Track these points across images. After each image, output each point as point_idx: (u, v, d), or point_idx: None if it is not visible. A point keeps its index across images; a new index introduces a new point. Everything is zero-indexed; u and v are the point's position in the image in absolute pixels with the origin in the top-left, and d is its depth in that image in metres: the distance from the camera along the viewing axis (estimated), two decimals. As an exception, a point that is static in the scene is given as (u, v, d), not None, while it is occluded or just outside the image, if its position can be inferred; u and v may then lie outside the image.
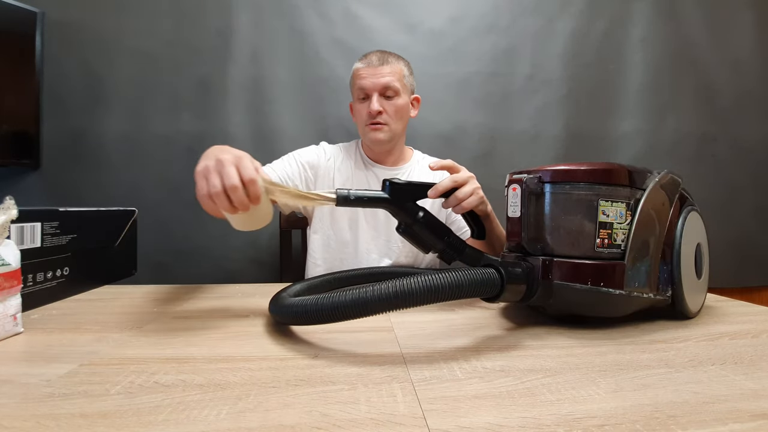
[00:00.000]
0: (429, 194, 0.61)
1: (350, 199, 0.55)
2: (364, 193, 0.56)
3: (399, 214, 0.59)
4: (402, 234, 0.61)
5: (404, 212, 0.59)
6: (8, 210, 0.44)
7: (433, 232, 0.60)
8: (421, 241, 0.61)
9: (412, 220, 0.59)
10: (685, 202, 0.54)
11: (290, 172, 0.93)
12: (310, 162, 0.96)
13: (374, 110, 0.88)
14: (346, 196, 0.55)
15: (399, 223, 0.61)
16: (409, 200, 0.59)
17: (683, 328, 0.49)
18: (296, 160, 0.95)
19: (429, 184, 0.62)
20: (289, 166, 0.94)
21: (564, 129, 1.42)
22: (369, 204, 0.57)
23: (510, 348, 0.42)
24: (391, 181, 0.58)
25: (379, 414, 0.28)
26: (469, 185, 0.64)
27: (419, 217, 0.59)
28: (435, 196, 0.62)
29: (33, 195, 1.19)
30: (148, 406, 0.29)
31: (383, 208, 0.59)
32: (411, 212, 0.59)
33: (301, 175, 0.94)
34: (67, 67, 1.22)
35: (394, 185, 0.58)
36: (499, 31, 1.40)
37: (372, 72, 0.89)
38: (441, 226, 0.61)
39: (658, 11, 1.46)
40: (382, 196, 0.58)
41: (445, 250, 0.61)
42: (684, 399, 0.31)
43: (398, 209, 0.59)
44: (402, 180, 0.59)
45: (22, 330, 0.45)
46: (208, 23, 1.27)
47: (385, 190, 0.58)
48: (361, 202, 0.56)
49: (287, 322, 0.46)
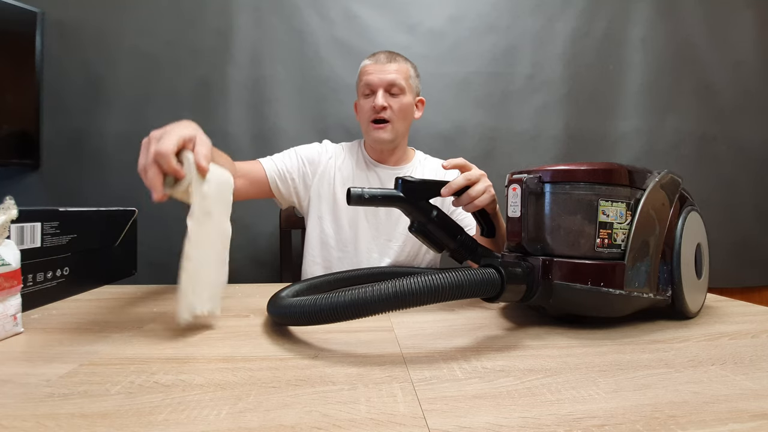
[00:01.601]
0: (442, 192, 0.61)
1: (365, 197, 0.55)
2: (379, 191, 0.56)
3: (413, 212, 0.59)
4: (415, 233, 0.60)
5: (418, 211, 0.58)
6: (8, 210, 0.44)
7: (446, 231, 0.60)
8: (434, 240, 0.60)
9: (426, 219, 0.59)
10: (685, 202, 0.54)
11: (289, 165, 0.94)
12: (309, 158, 0.96)
13: (379, 105, 0.88)
14: (360, 194, 0.55)
15: (412, 222, 0.60)
16: (422, 198, 0.59)
17: (683, 328, 0.49)
18: (297, 154, 0.96)
19: (442, 182, 0.62)
20: (288, 159, 0.95)
21: (564, 129, 1.42)
22: (383, 203, 0.57)
23: (510, 348, 0.42)
24: (404, 179, 0.58)
25: (379, 414, 0.28)
26: (481, 183, 0.64)
27: (433, 216, 0.59)
28: (448, 194, 0.62)
29: (33, 195, 1.19)
30: (148, 406, 0.29)
31: (397, 207, 0.59)
32: (425, 211, 0.59)
33: (299, 169, 0.95)
34: (67, 67, 1.22)
35: (408, 183, 0.58)
36: (499, 31, 1.40)
37: (379, 68, 0.90)
38: (454, 224, 0.61)
39: (658, 11, 1.46)
40: (396, 194, 0.57)
41: (458, 249, 0.60)
42: (684, 399, 0.31)
43: (412, 208, 0.58)
44: (415, 178, 0.58)
45: (22, 330, 0.45)
46: (208, 23, 1.27)
47: (399, 188, 0.58)
48: (375, 200, 0.56)
49: (286, 322, 0.46)
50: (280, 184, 0.93)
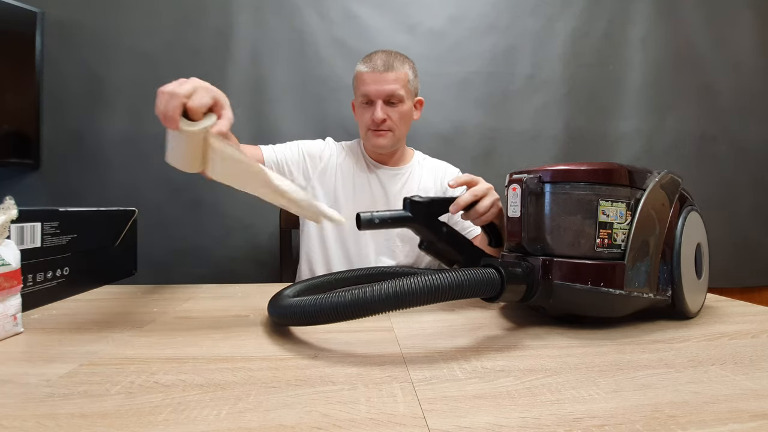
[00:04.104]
0: (451, 210, 0.62)
1: (375, 222, 0.55)
2: (388, 214, 0.56)
3: (422, 232, 0.59)
4: (425, 251, 0.61)
5: (428, 230, 0.59)
6: (8, 210, 0.44)
7: (455, 247, 0.61)
8: (444, 256, 0.61)
9: (436, 238, 0.59)
10: (685, 202, 0.54)
11: (289, 156, 0.94)
12: (311, 153, 0.96)
13: (378, 119, 0.88)
14: (371, 219, 0.55)
15: (421, 240, 0.60)
16: (431, 217, 0.59)
17: (683, 328, 0.49)
18: (299, 147, 0.96)
19: (449, 199, 0.62)
20: (289, 151, 0.94)
21: (564, 129, 1.42)
22: (393, 225, 0.57)
23: (510, 348, 0.42)
24: (412, 200, 0.58)
25: (379, 414, 0.28)
26: (488, 198, 0.65)
27: (443, 233, 0.59)
28: (456, 212, 0.62)
29: (33, 195, 1.19)
30: (148, 406, 0.29)
31: (406, 227, 0.59)
32: (435, 229, 0.59)
33: (299, 163, 0.94)
34: (67, 67, 1.22)
35: (415, 204, 0.58)
36: (499, 31, 1.40)
37: (376, 78, 0.87)
38: (462, 239, 0.61)
39: (658, 11, 1.46)
40: (405, 215, 0.57)
41: (468, 264, 0.61)
42: (684, 399, 0.31)
43: (422, 227, 0.58)
44: (423, 197, 0.58)
45: (22, 330, 0.45)
46: (208, 23, 1.27)
47: (407, 208, 0.58)
48: (385, 224, 0.56)
49: (287, 322, 0.46)
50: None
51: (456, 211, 0.62)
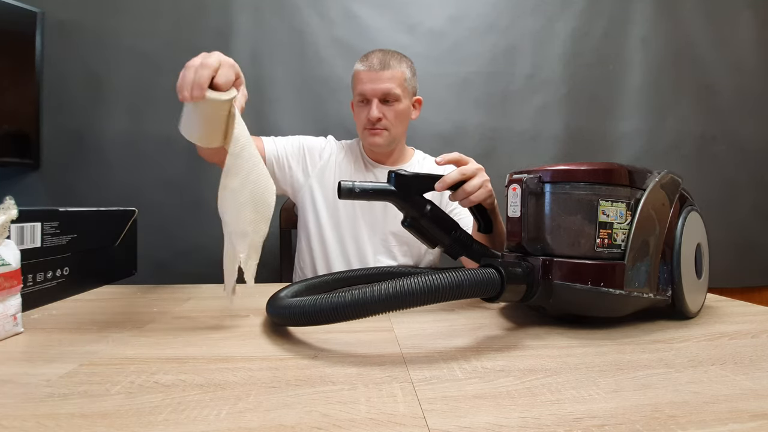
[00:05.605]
0: (436, 187, 0.60)
1: (355, 191, 0.53)
2: (370, 185, 0.55)
3: (405, 207, 0.57)
4: (408, 228, 0.59)
5: (411, 206, 0.57)
6: (8, 210, 0.44)
7: (440, 227, 0.58)
8: (427, 235, 0.59)
9: (419, 214, 0.57)
10: (685, 202, 0.54)
11: (289, 151, 0.94)
12: (311, 150, 0.96)
13: (374, 117, 0.88)
14: (351, 188, 0.53)
15: (405, 217, 0.59)
16: (415, 193, 0.57)
17: (683, 328, 0.49)
18: (300, 143, 0.96)
19: (436, 176, 0.60)
20: (290, 145, 0.95)
21: (564, 129, 1.42)
22: (374, 197, 0.55)
23: (510, 348, 0.42)
24: (397, 173, 0.56)
25: (379, 414, 0.28)
26: (477, 178, 0.63)
27: (426, 210, 0.57)
28: (442, 189, 0.60)
29: (33, 195, 1.19)
30: (148, 406, 0.29)
31: (389, 201, 0.57)
32: (418, 206, 0.57)
33: (298, 157, 0.95)
34: (67, 67, 1.22)
35: (400, 177, 0.56)
36: (499, 31, 1.40)
37: (372, 77, 0.87)
38: (448, 220, 0.59)
39: (658, 11, 1.46)
40: (387, 188, 0.56)
41: (453, 246, 0.59)
42: (684, 399, 0.31)
43: (404, 202, 0.57)
44: (408, 172, 0.57)
45: (22, 330, 0.45)
46: (208, 23, 1.27)
47: (391, 182, 0.56)
48: (366, 194, 0.54)
49: (286, 323, 0.46)
50: (276, 169, 0.93)
51: (442, 188, 0.60)
